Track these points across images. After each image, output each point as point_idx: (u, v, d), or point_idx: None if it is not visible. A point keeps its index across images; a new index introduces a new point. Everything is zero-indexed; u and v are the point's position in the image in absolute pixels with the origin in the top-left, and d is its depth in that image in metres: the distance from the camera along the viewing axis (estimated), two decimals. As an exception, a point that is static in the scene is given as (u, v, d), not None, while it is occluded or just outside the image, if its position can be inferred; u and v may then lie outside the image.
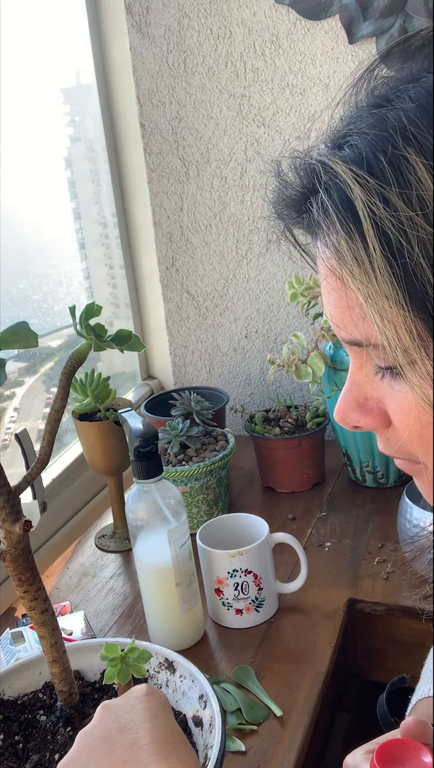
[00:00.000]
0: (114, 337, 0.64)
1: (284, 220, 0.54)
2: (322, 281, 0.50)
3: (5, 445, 1.27)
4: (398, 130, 0.43)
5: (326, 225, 0.46)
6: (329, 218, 0.45)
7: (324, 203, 0.45)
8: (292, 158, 0.50)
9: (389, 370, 0.49)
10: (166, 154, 1.51)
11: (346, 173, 0.44)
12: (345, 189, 0.44)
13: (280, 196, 0.53)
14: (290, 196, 0.51)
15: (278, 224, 0.56)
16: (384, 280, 0.43)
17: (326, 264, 0.48)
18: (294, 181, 0.50)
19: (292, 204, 0.51)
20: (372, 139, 0.44)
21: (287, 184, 0.51)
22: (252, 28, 1.37)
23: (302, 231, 0.54)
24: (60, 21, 1.42)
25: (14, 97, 1.25)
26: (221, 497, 1.27)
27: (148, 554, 0.97)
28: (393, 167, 0.42)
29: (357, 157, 0.44)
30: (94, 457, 1.22)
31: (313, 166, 0.47)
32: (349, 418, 0.53)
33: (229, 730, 0.87)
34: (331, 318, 0.51)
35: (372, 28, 1.27)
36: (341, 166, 0.44)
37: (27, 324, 0.59)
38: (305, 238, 0.55)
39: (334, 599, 1.07)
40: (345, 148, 0.45)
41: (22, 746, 0.70)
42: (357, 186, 0.43)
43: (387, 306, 0.44)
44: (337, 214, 0.44)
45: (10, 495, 0.63)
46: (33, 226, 1.44)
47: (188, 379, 1.68)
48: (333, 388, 1.26)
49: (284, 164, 0.51)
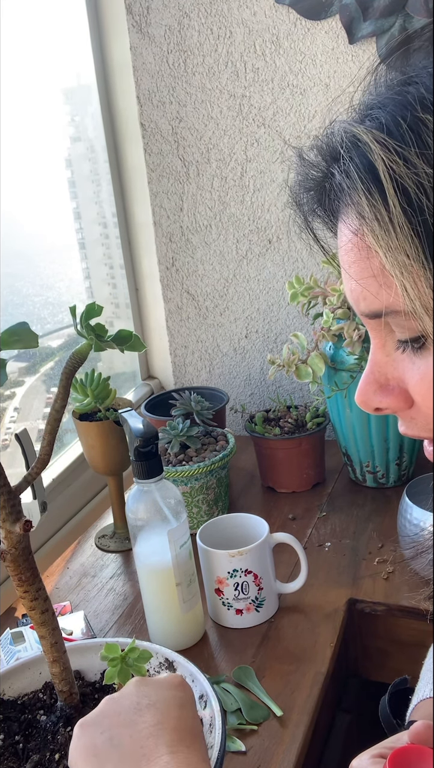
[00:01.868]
0: (114, 337, 0.63)
1: (303, 206, 0.55)
2: (343, 258, 0.50)
3: (5, 445, 1.27)
4: (417, 99, 0.45)
5: (348, 186, 0.47)
6: (350, 179, 0.46)
7: (346, 165, 0.47)
8: (313, 138, 0.52)
9: (410, 343, 0.49)
10: (166, 154, 1.51)
11: (367, 135, 0.46)
12: (365, 150, 0.46)
13: (303, 176, 0.53)
14: (311, 175, 0.52)
15: (299, 210, 0.57)
16: (404, 235, 0.44)
17: (347, 235, 0.49)
18: (315, 158, 0.52)
19: (314, 182, 0.52)
20: (392, 109, 0.46)
21: (310, 162, 0.52)
22: (252, 28, 1.38)
23: (321, 223, 0.55)
24: (60, 21, 1.42)
25: (15, 97, 1.25)
26: (221, 497, 1.27)
27: (148, 554, 0.97)
28: (412, 131, 0.44)
29: (378, 125, 0.46)
30: (94, 457, 1.22)
31: (334, 134, 0.49)
32: (371, 400, 0.53)
33: (229, 730, 0.87)
34: (351, 295, 0.51)
35: (372, 28, 1.27)
36: (361, 129, 0.46)
37: (27, 324, 0.59)
38: (323, 233, 0.56)
39: (334, 599, 1.07)
40: (366, 121, 0.47)
41: (22, 746, 0.70)
42: (377, 146, 0.45)
43: (408, 262, 0.45)
44: (358, 173, 0.46)
45: (11, 495, 0.63)
46: (33, 226, 1.44)
47: (188, 379, 1.68)
48: (333, 388, 1.26)
49: (305, 147, 0.53)
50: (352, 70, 1.34)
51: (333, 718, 1.02)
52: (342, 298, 1.20)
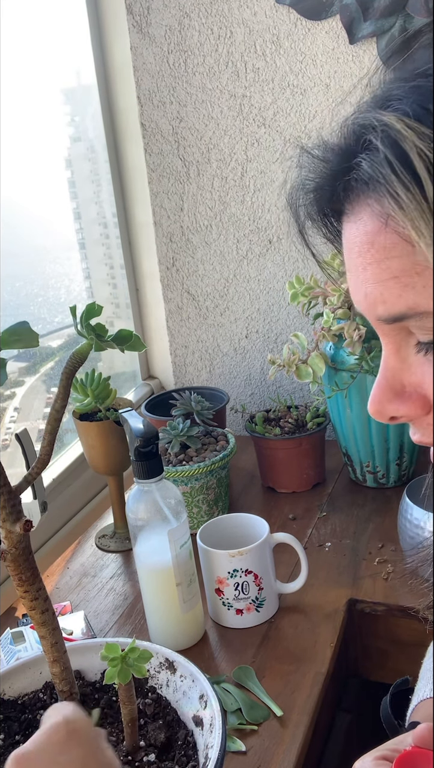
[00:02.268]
0: (115, 337, 0.63)
1: (300, 208, 0.53)
2: (354, 261, 0.48)
3: (5, 445, 1.27)
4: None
5: (381, 176, 0.44)
6: (385, 168, 0.44)
7: (376, 154, 0.44)
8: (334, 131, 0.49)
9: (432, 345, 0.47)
10: (166, 154, 1.51)
11: (399, 123, 0.44)
12: (397, 138, 0.44)
13: (307, 175, 0.51)
14: (317, 173, 0.50)
15: (294, 213, 0.54)
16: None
17: (363, 235, 0.46)
18: (325, 154, 0.49)
19: (318, 181, 0.50)
20: (415, 99, 0.44)
21: (319, 158, 0.50)
22: (253, 28, 1.38)
23: (316, 229, 0.52)
24: (60, 21, 1.42)
25: (15, 97, 1.25)
26: (221, 497, 1.27)
27: (148, 554, 0.97)
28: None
29: (404, 112, 0.44)
30: (94, 457, 1.22)
31: (357, 124, 0.46)
32: (386, 409, 0.50)
33: (229, 730, 0.87)
34: (365, 300, 0.48)
35: (372, 29, 1.27)
36: (392, 118, 0.44)
37: (27, 324, 0.59)
38: (313, 239, 0.54)
39: (334, 599, 1.07)
40: (389, 109, 0.45)
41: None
42: (411, 132, 0.43)
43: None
44: (393, 161, 0.43)
45: (11, 495, 0.63)
46: (33, 226, 1.44)
47: (189, 379, 1.68)
48: (334, 388, 1.26)
49: (307, 145, 0.51)
50: (352, 70, 1.34)
51: (333, 718, 1.02)
52: (343, 298, 1.20)
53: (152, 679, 0.76)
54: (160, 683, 0.75)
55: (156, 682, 0.75)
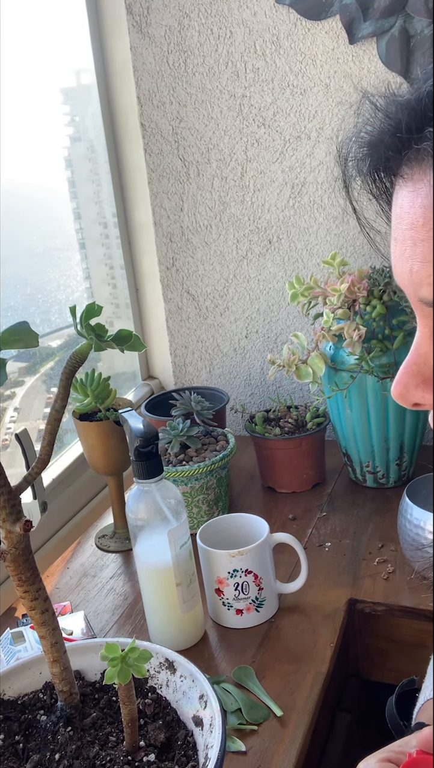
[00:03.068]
0: (114, 337, 0.63)
1: (353, 162, 0.50)
2: (404, 234, 0.45)
3: (5, 445, 1.27)
4: None
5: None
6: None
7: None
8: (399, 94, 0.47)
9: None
10: (166, 155, 1.51)
11: None
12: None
13: (375, 125, 0.48)
14: (387, 126, 0.46)
15: (343, 165, 0.51)
16: None
17: (419, 207, 0.44)
18: (407, 104, 0.46)
19: (391, 134, 0.47)
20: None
21: (388, 117, 0.47)
22: (253, 28, 1.38)
23: (366, 187, 0.49)
24: (60, 21, 1.42)
25: (14, 97, 1.25)
26: (221, 497, 1.27)
27: (148, 554, 0.97)
28: None
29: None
30: (94, 457, 1.23)
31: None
32: (411, 394, 0.49)
33: (229, 730, 0.87)
34: (410, 278, 0.46)
35: (372, 29, 1.27)
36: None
37: (27, 324, 0.59)
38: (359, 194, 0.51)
39: (334, 599, 1.07)
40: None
41: (22, 746, 0.70)
42: None
43: None
44: None
45: (11, 495, 0.63)
46: (33, 226, 1.44)
47: (189, 379, 1.68)
48: (333, 388, 1.26)
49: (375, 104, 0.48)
50: (352, 70, 1.34)
51: (333, 718, 1.02)
52: (342, 298, 1.20)
53: (152, 679, 0.76)
54: (160, 683, 0.75)
55: (156, 682, 0.75)
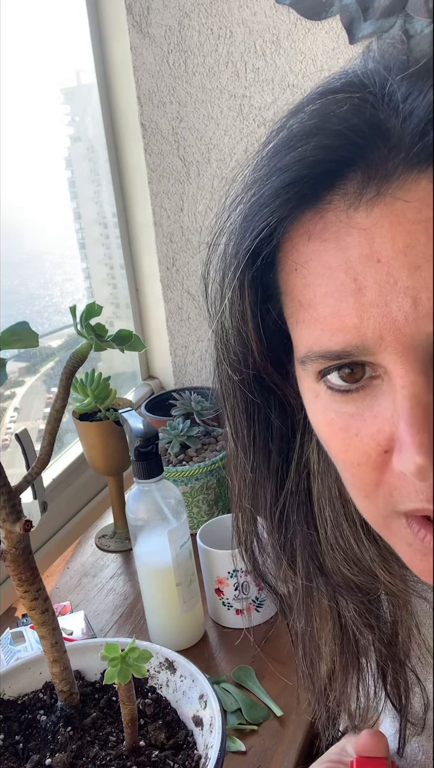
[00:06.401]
0: (114, 337, 0.63)
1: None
2: (400, 259, 0.39)
3: (5, 445, 1.27)
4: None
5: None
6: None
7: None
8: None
9: None
10: (166, 155, 1.51)
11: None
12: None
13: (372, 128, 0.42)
14: (388, 129, 0.41)
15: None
16: None
17: (419, 222, 0.39)
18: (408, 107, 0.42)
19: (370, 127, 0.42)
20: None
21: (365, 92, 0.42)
22: (253, 28, 1.37)
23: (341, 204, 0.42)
24: (60, 21, 1.42)
25: (14, 97, 1.25)
26: (221, 497, 1.27)
27: (148, 554, 0.97)
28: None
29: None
30: (94, 457, 1.22)
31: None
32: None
33: (229, 730, 0.87)
34: (416, 308, 0.38)
35: (372, 29, 1.27)
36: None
37: (27, 324, 0.58)
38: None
39: (334, 599, 1.07)
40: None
41: (22, 746, 0.70)
42: None
43: None
44: None
45: (11, 495, 0.63)
46: (33, 226, 1.44)
47: (189, 379, 1.68)
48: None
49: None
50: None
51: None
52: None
53: (152, 679, 0.76)
54: (160, 683, 0.75)
55: (156, 682, 0.75)
